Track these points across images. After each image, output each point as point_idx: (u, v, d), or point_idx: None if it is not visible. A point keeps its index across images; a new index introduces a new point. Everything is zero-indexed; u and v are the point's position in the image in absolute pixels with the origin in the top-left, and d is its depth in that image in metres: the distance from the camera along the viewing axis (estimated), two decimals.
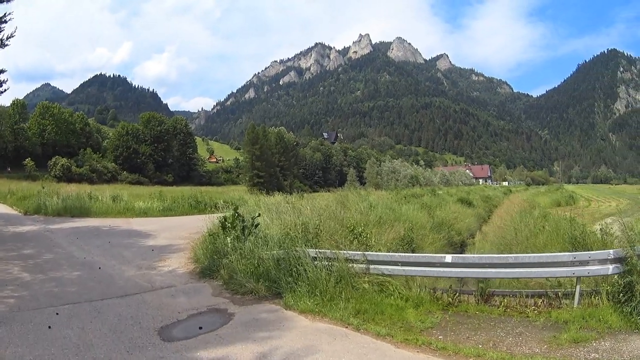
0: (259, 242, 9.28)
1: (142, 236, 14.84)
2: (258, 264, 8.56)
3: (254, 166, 78.38)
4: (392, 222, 14.55)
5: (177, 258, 11.30)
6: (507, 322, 6.39)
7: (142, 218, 20.68)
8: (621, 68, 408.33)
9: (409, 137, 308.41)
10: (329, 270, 7.76)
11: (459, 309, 7.05)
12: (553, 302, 7.01)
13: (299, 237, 9.20)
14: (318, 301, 7.16)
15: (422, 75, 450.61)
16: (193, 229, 16.16)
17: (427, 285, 7.87)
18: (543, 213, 19.61)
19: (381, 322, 6.43)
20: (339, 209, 14.15)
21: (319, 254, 8.11)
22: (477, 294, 7.51)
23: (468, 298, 7.56)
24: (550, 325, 6.16)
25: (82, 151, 72.47)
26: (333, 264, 7.87)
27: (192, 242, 13.43)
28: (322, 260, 8.00)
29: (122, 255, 11.46)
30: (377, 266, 7.84)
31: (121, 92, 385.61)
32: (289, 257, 8.21)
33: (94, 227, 16.92)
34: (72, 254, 11.51)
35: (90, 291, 8.03)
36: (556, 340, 5.60)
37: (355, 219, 12.51)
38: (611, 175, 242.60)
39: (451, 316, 6.73)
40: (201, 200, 25.43)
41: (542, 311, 6.72)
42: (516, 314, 6.71)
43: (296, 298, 7.36)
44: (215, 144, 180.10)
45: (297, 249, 8.32)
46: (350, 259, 7.95)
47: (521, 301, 7.12)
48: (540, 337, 5.78)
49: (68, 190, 25.01)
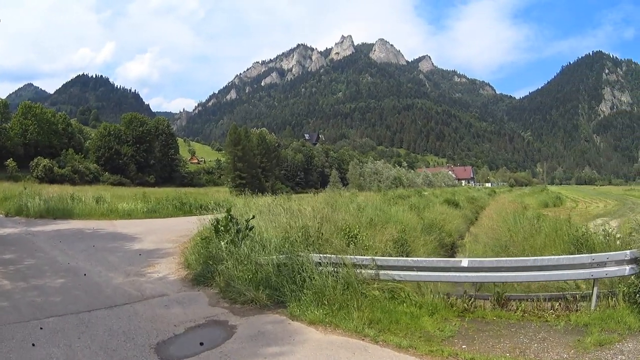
0: (256, 247, 8.74)
1: (128, 239, 14.09)
2: (256, 270, 8.02)
3: (236, 167, 77.45)
4: (383, 224, 14.15)
5: (166, 263, 10.62)
6: (527, 327, 6.18)
7: (126, 220, 19.87)
8: (607, 70, 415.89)
9: (390, 138, 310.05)
10: (335, 277, 7.27)
11: (476, 315, 6.74)
12: (570, 305, 6.85)
13: (299, 241, 8.68)
14: (327, 310, 6.65)
15: (404, 77, 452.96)
16: (180, 232, 15.60)
17: (441, 291, 7.49)
18: (536, 214, 19.44)
19: (398, 332, 6.01)
20: (329, 211, 13.73)
21: (323, 259, 7.64)
22: (493, 299, 7.23)
23: (484, 303, 7.28)
24: (571, 329, 6.02)
25: (64, 152, 71.13)
26: (339, 269, 7.40)
27: (180, 246, 12.85)
28: (326, 265, 7.54)
29: (108, 261, 10.74)
30: (387, 272, 7.40)
31: (103, 93, 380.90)
32: (292, 262, 7.68)
33: (78, 229, 16.15)
34: (55, 259, 10.78)
35: (76, 301, 7.35)
36: (581, 344, 5.46)
37: (347, 221, 12.07)
38: (595, 176, 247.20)
39: (469, 323, 6.41)
40: (186, 202, 24.76)
41: (560, 315, 6.56)
42: (535, 318, 6.51)
43: (302, 307, 6.83)
44: (197, 145, 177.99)
45: (301, 254, 7.81)
46: (358, 265, 7.47)
47: (538, 305, 6.91)
48: (565, 341, 5.62)
49: (50, 192, 24.14)
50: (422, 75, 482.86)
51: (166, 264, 10.58)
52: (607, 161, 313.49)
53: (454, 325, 6.31)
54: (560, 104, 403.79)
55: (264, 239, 9.12)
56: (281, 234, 9.35)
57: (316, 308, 6.73)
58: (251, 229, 9.72)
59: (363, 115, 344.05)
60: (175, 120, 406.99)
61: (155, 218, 21.35)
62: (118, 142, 78.06)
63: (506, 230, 15.14)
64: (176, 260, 10.94)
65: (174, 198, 24.97)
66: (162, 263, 10.65)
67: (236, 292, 7.60)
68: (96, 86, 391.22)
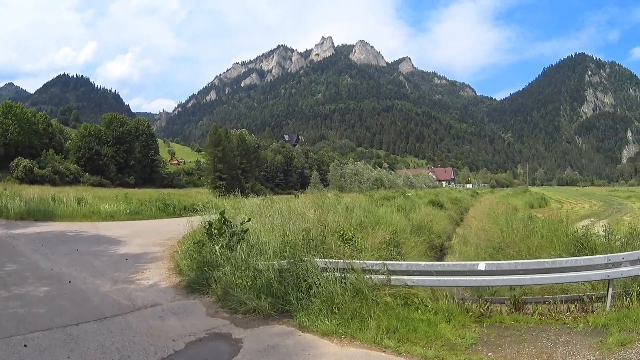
0: (253, 251, 8.25)
1: (113, 243, 13.38)
2: (255, 276, 7.51)
3: (216, 168, 76.65)
4: (373, 226, 13.82)
5: (156, 269, 9.99)
6: (547, 331, 6.07)
7: (110, 222, 19.15)
8: (590, 72, 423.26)
9: (370, 140, 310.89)
10: (343, 283, 6.82)
11: (494, 320, 6.52)
12: (587, 306, 6.80)
13: (300, 245, 8.21)
14: (339, 320, 6.19)
15: (384, 79, 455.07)
16: (166, 235, 15.03)
17: (455, 296, 7.19)
18: (528, 215, 19.38)
19: (419, 342, 5.64)
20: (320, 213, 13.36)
21: (329, 265, 7.18)
22: (510, 303, 7.04)
23: (500, 308, 7.07)
24: (591, 331, 5.95)
25: (45, 152, 69.83)
26: (347, 275, 6.95)
27: (169, 250, 12.28)
28: (333, 271, 7.08)
29: (94, 266, 10.06)
30: (400, 277, 7.02)
31: (84, 93, 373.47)
32: (296, 268, 7.19)
33: (60, 232, 15.37)
34: (37, 265, 10.06)
35: (62, 313, 6.70)
36: (604, 345, 5.39)
37: (339, 223, 11.66)
38: (577, 177, 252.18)
39: (488, 329, 6.17)
40: (169, 204, 24.17)
41: (577, 317, 6.51)
42: (553, 321, 6.42)
43: (312, 317, 6.36)
44: (177, 146, 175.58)
45: (305, 259, 7.32)
46: (367, 270, 7.04)
47: (554, 308, 6.81)
48: (588, 343, 5.54)
49: (31, 193, 23.13)
50: (403, 77, 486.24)
51: (156, 269, 9.95)
52: (589, 163, 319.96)
53: (474, 332, 6.05)
54: (542, 105, 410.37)
55: (261, 243, 8.65)
56: (279, 238, 8.86)
57: (326, 318, 6.28)
58: (246, 232, 9.25)
59: (343, 116, 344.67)
60: (156, 121, 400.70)
61: (138, 220, 20.69)
62: (98, 142, 76.94)
63: (499, 232, 15.03)
64: (166, 265, 10.34)
65: (157, 200, 24.36)
66: (151, 269, 10.02)
67: (236, 301, 7.05)
68: (77, 86, 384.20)
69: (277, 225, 10.27)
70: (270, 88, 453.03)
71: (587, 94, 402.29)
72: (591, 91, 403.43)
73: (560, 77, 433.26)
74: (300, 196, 29.01)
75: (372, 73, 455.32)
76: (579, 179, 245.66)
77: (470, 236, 19.87)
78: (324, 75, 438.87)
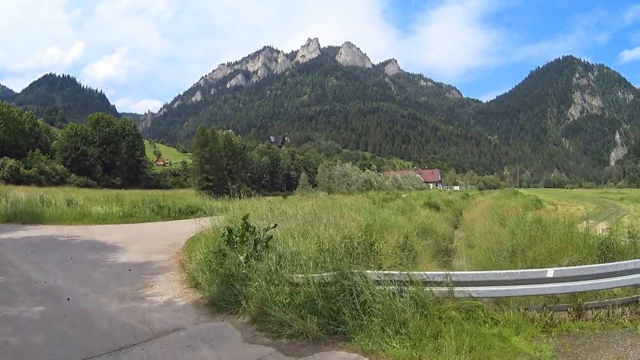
0: (283, 262, 7.12)
1: (110, 249, 12.05)
2: (292, 291, 6.44)
3: (203, 169, 75.95)
4: (380, 230, 12.94)
5: (166, 282, 8.75)
6: (613, 335, 5.85)
7: (102, 225, 17.71)
8: (577, 74, 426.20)
9: (355, 141, 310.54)
10: (403, 298, 5.81)
11: (560, 329, 6.11)
12: (638, 308, 6.60)
13: (341, 254, 7.12)
14: (408, 342, 5.19)
15: (369, 80, 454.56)
16: (167, 240, 13.92)
17: (519, 306, 6.38)
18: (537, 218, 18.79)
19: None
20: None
21: (382, 277, 6.13)
22: (571, 310, 6.50)
23: (563, 315, 6.55)
24: None
25: (30, 152, 68.53)
26: (404, 288, 5.96)
27: (175, 258, 11.09)
28: (388, 284, 6.03)
29: (93, 278, 8.74)
30: (464, 288, 6.12)
31: (70, 93, 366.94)
32: (344, 282, 6.10)
33: (50, 236, 13.97)
34: (28, 276, 8.72)
35: (64, 342, 5.47)
36: None
37: (349, 227, 10.68)
38: (564, 179, 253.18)
39: (559, 339, 5.75)
40: (164, 205, 22.80)
41: (632, 319, 6.35)
42: (613, 325, 6.23)
43: (374, 339, 5.36)
44: (162, 146, 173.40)
45: (354, 270, 6.23)
46: (427, 282, 6.04)
47: (611, 312, 6.53)
48: None
49: (17, 194, 21.50)
50: (388, 79, 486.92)
51: (166, 282, 8.71)
52: (576, 164, 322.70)
53: (548, 343, 5.58)
54: (529, 107, 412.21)
55: (290, 252, 7.54)
56: (313, 246, 7.74)
57: (392, 339, 5.29)
58: (270, 239, 8.14)
59: (328, 118, 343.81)
60: (141, 122, 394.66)
61: (132, 223, 19.31)
62: (85, 142, 75.84)
63: (507, 234, 14.59)
64: (177, 277, 9.11)
65: (150, 201, 22.91)
66: (160, 282, 8.76)
67: (276, 322, 5.93)
68: (63, 86, 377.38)
69: (305, 231, 9.23)
70: (255, 89, 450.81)
71: (575, 96, 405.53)
72: (578, 93, 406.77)
73: (548, 79, 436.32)
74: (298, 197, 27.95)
75: (357, 74, 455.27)
76: (566, 181, 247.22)
77: (475, 238, 19.19)
78: (309, 77, 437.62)
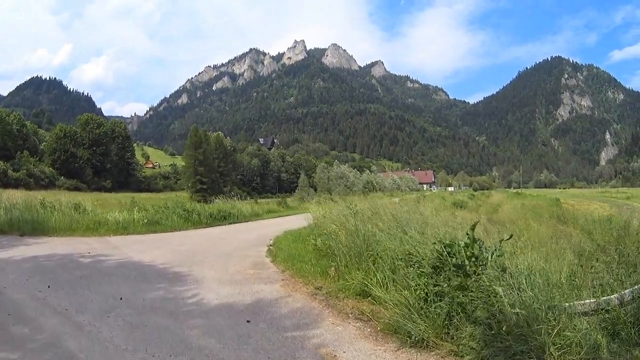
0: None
1: (171, 279, 7.59)
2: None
3: (197, 171, 72.57)
4: None
5: (348, 342, 4.60)
6: None
7: (125, 236, 13.49)
8: (566, 75, 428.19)
9: (343, 143, 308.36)
10: None
11: None
12: None
13: None
14: None
15: (356, 82, 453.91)
16: (239, 257, 9.96)
17: None
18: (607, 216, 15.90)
19: None
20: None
21: None
22: None
23: None
24: None
25: (19, 154, 66.10)
26: None
27: (303, 290, 6.82)
28: None
29: (203, 353, 4.44)
30: None
31: (56, 96, 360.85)
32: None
33: (65, 255, 9.54)
34: (68, 351, 4.26)
35: None
36: None
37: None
38: (554, 180, 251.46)
39: None
40: (192, 210, 18.59)
41: None
42: None
43: None
44: (150, 149, 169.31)
45: None
46: None
47: None
48: None
49: (12, 197, 17.13)
50: (375, 81, 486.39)
51: (349, 343, 4.56)
52: (565, 165, 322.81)
53: None
54: (517, 108, 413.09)
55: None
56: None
57: None
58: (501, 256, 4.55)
59: (315, 120, 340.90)
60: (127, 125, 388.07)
61: (159, 232, 15.08)
62: (74, 144, 73.56)
63: (578, 234, 11.90)
64: (356, 331, 4.96)
65: (174, 206, 18.59)
66: (335, 344, 4.58)
67: None
68: (49, 89, 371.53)
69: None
70: (242, 91, 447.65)
71: (564, 96, 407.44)
72: (567, 94, 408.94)
73: (536, 80, 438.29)
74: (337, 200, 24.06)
75: (344, 76, 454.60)
76: (556, 181, 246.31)
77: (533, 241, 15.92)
78: (296, 79, 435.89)
